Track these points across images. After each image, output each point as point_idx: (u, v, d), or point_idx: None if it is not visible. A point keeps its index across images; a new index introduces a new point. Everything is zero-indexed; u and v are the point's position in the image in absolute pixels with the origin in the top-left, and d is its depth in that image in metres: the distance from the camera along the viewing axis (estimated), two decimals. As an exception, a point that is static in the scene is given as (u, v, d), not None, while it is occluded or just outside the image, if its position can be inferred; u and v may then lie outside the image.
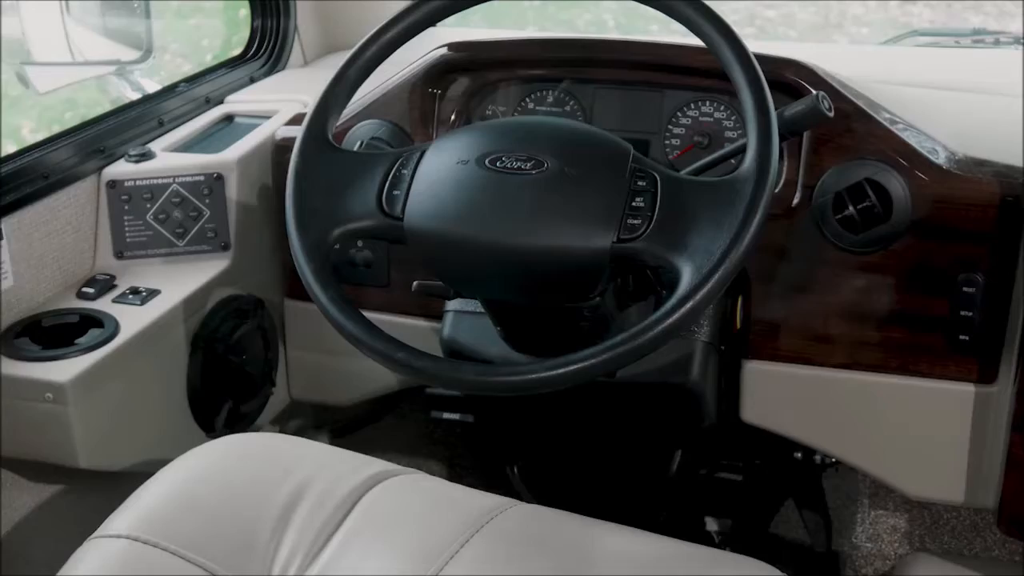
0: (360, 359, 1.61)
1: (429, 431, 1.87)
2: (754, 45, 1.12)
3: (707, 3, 1.12)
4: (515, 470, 1.72)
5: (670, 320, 1.01)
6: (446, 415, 1.67)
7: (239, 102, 1.76)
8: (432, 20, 1.25)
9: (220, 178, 1.54)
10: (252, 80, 1.85)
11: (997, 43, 1.96)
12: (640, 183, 1.09)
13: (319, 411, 1.72)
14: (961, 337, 1.35)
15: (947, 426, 1.39)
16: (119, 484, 1.20)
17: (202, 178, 1.54)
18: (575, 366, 1.02)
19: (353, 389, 1.67)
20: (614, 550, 1.08)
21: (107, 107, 1.65)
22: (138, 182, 1.52)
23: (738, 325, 1.43)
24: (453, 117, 1.52)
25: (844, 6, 6.74)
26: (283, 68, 1.92)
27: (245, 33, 1.94)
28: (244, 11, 1.97)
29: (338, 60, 1.22)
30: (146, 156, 1.56)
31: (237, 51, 1.92)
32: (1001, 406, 1.33)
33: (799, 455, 1.63)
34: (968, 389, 1.37)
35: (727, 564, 1.07)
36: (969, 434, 1.38)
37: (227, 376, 1.54)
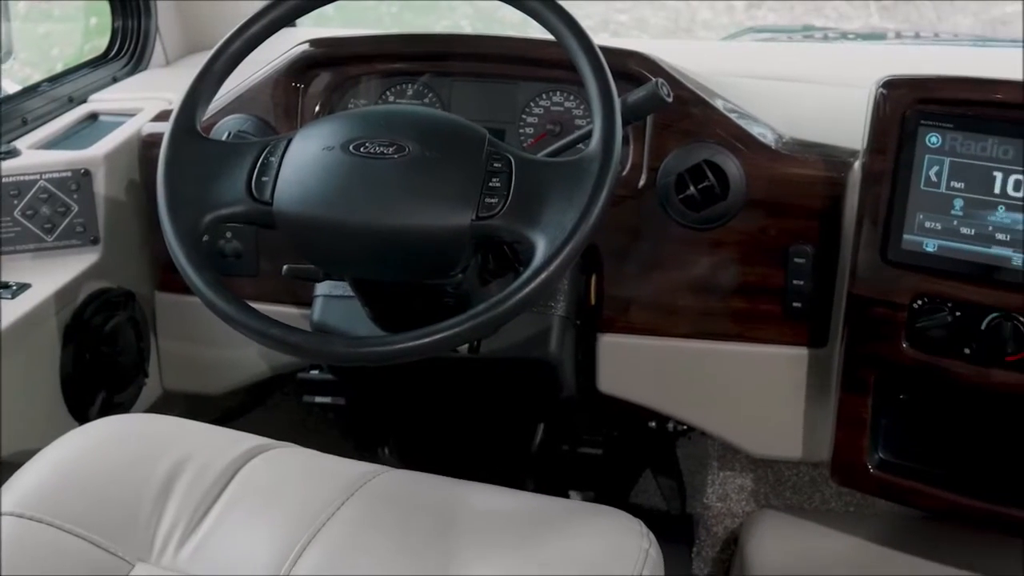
0: (232, 348, 1.67)
1: (302, 418, 1.92)
2: (603, 41, 1.21)
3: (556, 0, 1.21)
4: (386, 450, 1.79)
5: (527, 290, 1.09)
6: (318, 399, 1.73)
7: (103, 101, 1.78)
8: (293, 16, 1.31)
9: (88, 174, 1.57)
10: (115, 79, 1.88)
11: (826, 38, 2.11)
12: (496, 165, 1.17)
13: (192, 401, 1.75)
14: (794, 304, 1.47)
15: (785, 388, 1.51)
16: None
17: (69, 174, 1.57)
18: (440, 335, 1.09)
19: (226, 377, 1.71)
20: (482, 506, 1.16)
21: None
22: (4, 179, 1.54)
23: (592, 301, 1.52)
24: (317, 110, 1.57)
25: (693, 11, 6.97)
26: (146, 68, 1.95)
27: (99, 41, 1.96)
28: (96, 19, 1.99)
29: (200, 59, 1.27)
30: (11, 154, 1.57)
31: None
32: (831, 367, 1.44)
33: (653, 424, 1.74)
34: (802, 352, 1.49)
35: (588, 513, 1.16)
36: (804, 394, 1.50)
37: (100, 367, 1.57)
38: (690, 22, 6.89)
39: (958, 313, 1.31)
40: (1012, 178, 1.26)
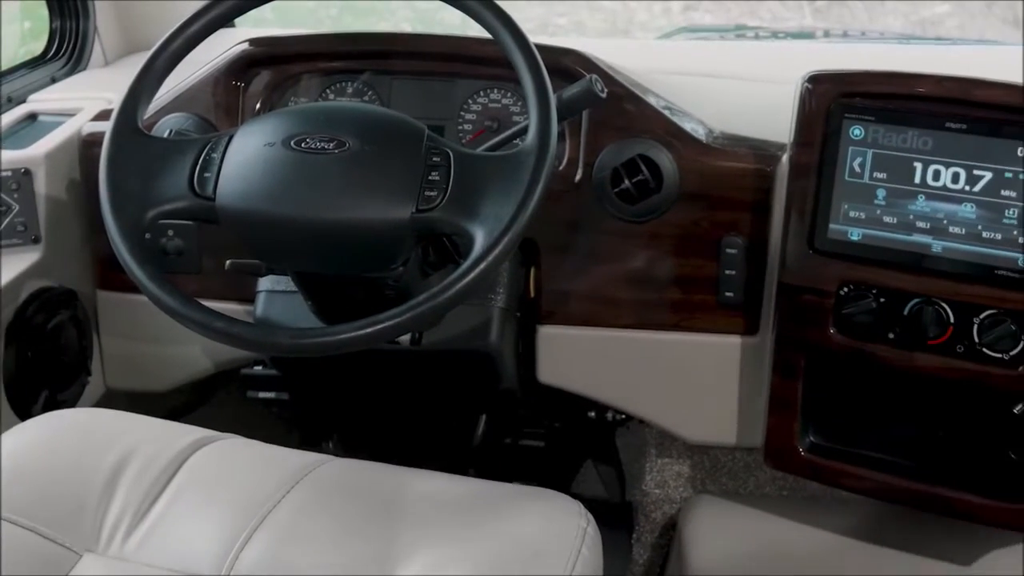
0: (174, 345, 1.68)
1: (246, 415, 1.93)
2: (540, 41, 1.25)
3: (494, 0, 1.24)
4: (331, 444, 1.81)
5: (466, 280, 1.12)
6: (262, 394, 1.74)
7: (42, 101, 1.78)
8: (232, 15, 1.33)
9: (28, 173, 1.58)
10: (54, 80, 1.88)
11: (757, 37, 2.16)
12: (435, 159, 1.20)
13: (135, 399, 1.76)
14: (727, 294, 1.51)
15: (719, 375, 1.55)
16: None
17: (9, 173, 1.57)
18: (381, 325, 1.12)
19: (169, 375, 1.72)
20: (424, 492, 1.19)
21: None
22: (-56, 179, 1.54)
23: (532, 293, 1.56)
24: (257, 108, 1.59)
25: (631, 13, 7.04)
26: (84, 68, 1.95)
27: (33, 45, 1.95)
28: (30, 23, 1.98)
29: (139, 60, 1.28)
30: (-50, 154, 1.58)
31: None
32: (763, 354, 1.49)
33: (592, 414, 1.78)
34: (735, 340, 1.53)
35: (528, 496, 1.19)
36: (738, 381, 1.55)
37: (42, 365, 1.57)
38: (628, 24, 6.96)
39: (882, 299, 1.36)
40: (931, 168, 1.31)
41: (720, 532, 1.58)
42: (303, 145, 1.19)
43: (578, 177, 1.50)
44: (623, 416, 1.78)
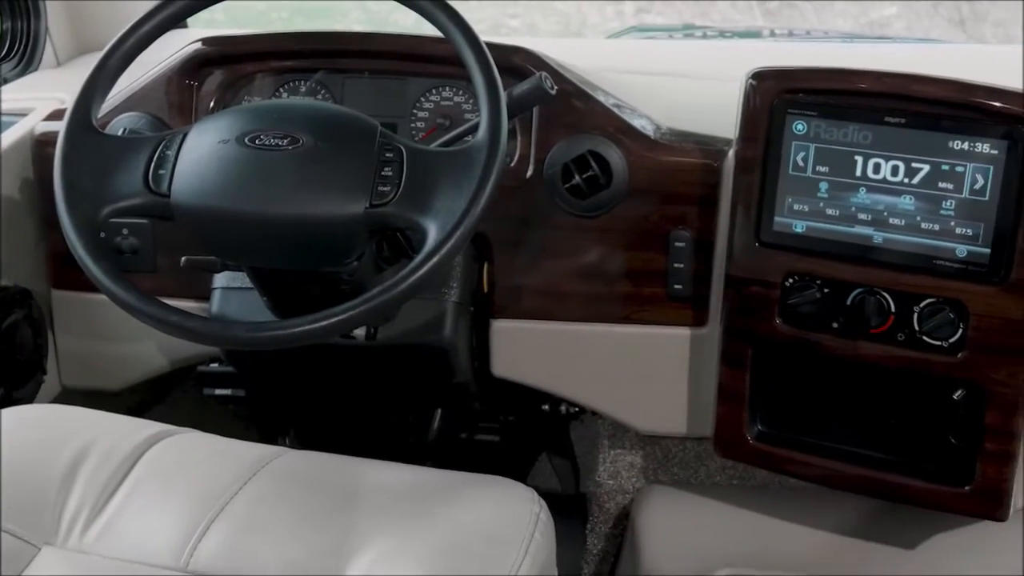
0: (130, 343, 1.68)
1: (202, 412, 1.94)
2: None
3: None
4: (287, 440, 1.82)
5: (420, 273, 1.14)
6: (218, 391, 1.75)
7: (-7, 101, 1.79)
8: (184, 14, 1.34)
9: (-20, 173, 1.58)
10: (6, 81, 1.88)
11: (704, 36, 2.20)
12: (388, 155, 1.22)
13: (91, 398, 1.76)
14: (676, 287, 1.54)
15: (669, 367, 1.58)
16: None
17: (-38, 173, 1.57)
18: (336, 318, 1.14)
19: (125, 373, 1.72)
20: (380, 482, 1.21)
21: None
22: None
23: (485, 288, 1.58)
24: (211, 107, 1.60)
25: (583, 16, 7.09)
26: (36, 69, 1.95)
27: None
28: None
29: (91, 60, 1.29)
30: (-98, 154, 1.57)
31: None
32: (712, 345, 1.52)
33: (546, 407, 1.80)
34: (685, 332, 1.57)
35: (482, 484, 1.22)
36: (687, 372, 1.58)
37: (-3, 364, 1.58)
38: (581, 26, 7.01)
39: (826, 290, 1.39)
40: (871, 161, 1.35)
41: (672, 521, 1.61)
42: (257, 142, 1.21)
43: (529, 173, 1.53)
44: (576, 409, 1.81)
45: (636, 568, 1.56)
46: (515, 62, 1.50)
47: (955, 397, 1.39)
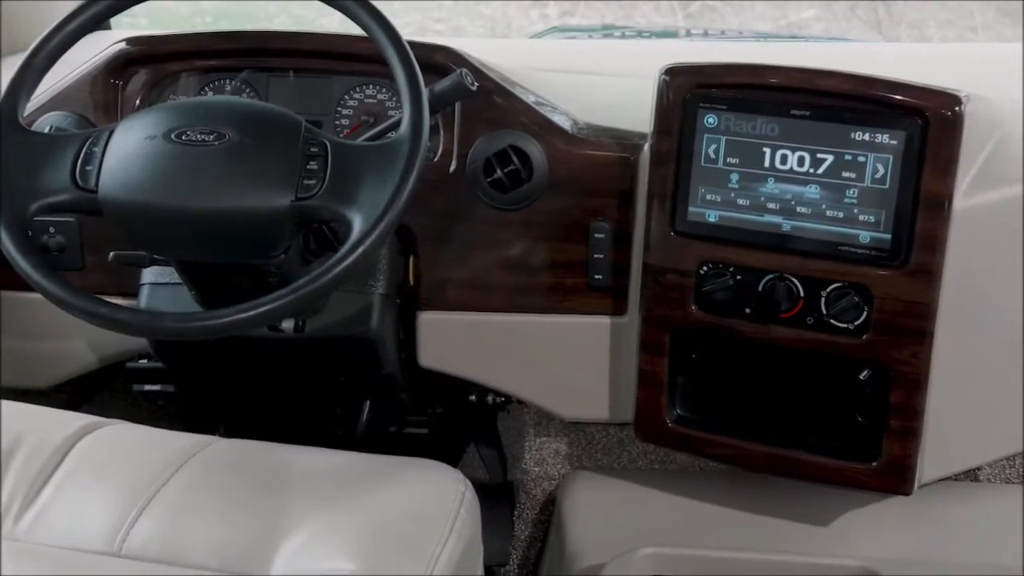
0: (57, 340, 1.69)
1: (132, 409, 1.95)
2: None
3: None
4: (218, 435, 1.83)
5: (346, 263, 1.18)
6: (148, 387, 1.77)
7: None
8: (109, 13, 1.36)
9: (-96, 173, 1.57)
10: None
11: (623, 36, 2.26)
12: (312, 149, 1.25)
13: (17, 398, 1.76)
14: (596, 277, 1.59)
15: (591, 355, 1.63)
16: None
17: None
18: (264, 308, 1.17)
19: (53, 371, 1.73)
20: (309, 466, 1.24)
21: None
22: None
23: (411, 281, 1.62)
24: (136, 106, 1.62)
25: (510, 19, 7.14)
26: (-43, 70, 1.95)
27: None
28: None
29: (13, 62, 1.30)
30: None
31: None
32: (632, 333, 1.57)
33: (473, 398, 1.84)
34: (605, 321, 1.61)
35: (409, 466, 1.26)
36: (609, 360, 1.63)
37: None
38: (506, 29, 7.06)
39: (739, 276, 1.45)
40: (779, 153, 1.41)
41: (596, 505, 1.66)
42: (183, 138, 1.24)
43: (452, 168, 1.57)
44: (503, 399, 1.85)
45: (562, 552, 1.61)
46: (437, 60, 1.54)
47: (861, 377, 1.45)
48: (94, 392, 1.98)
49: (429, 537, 1.16)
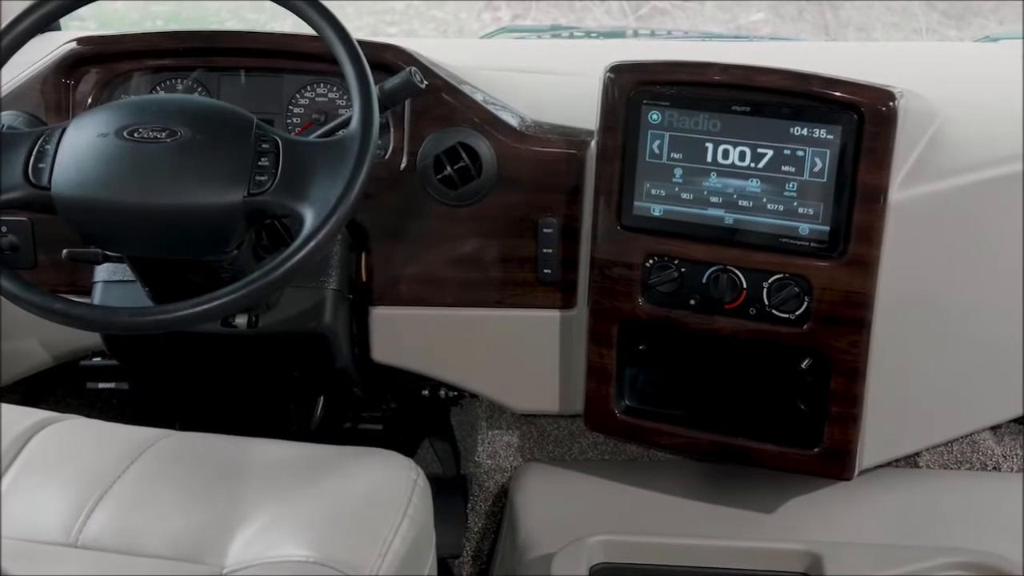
0: (10, 339, 1.70)
1: (86, 407, 1.96)
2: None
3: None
4: (172, 432, 1.84)
5: (299, 256, 1.20)
6: (102, 385, 1.78)
7: None
8: (60, 13, 1.38)
9: None
10: None
11: (571, 36, 2.29)
12: (264, 146, 1.28)
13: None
14: (545, 271, 1.62)
15: (542, 348, 1.66)
16: None
17: None
18: (218, 301, 1.19)
19: (6, 370, 1.73)
20: (264, 457, 1.26)
21: None
22: None
23: (363, 277, 1.64)
24: (88, 105, 1.63)
25: (462, 22, 7.16)
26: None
27: None
28: None
29: None
30: None
31: None
32: (581, 325, 1.61)
33: (426, 392, 1.87)
34: (555, 315, 1.65)
35: (362, 455, 1.28)
36: (559, 352, 1.66)
37: None
38: (459, 33, 7.08)
39: (683, 269, 1.49)
40: (721, 148, 1.45)
41: (548, 496, 1.68)
42: (136, 135, 1.26)
43: (403, 165, 1.59)
44: (455, 393, 1.88)
45: (515, 542, 1.63)
46: (386, 58, 1.57)
47: (803, 366, 1.49)
48: (48, 391, 1.98)
49: (382, 523, 1.18)
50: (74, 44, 1.63)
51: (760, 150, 1.43)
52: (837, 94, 1.39)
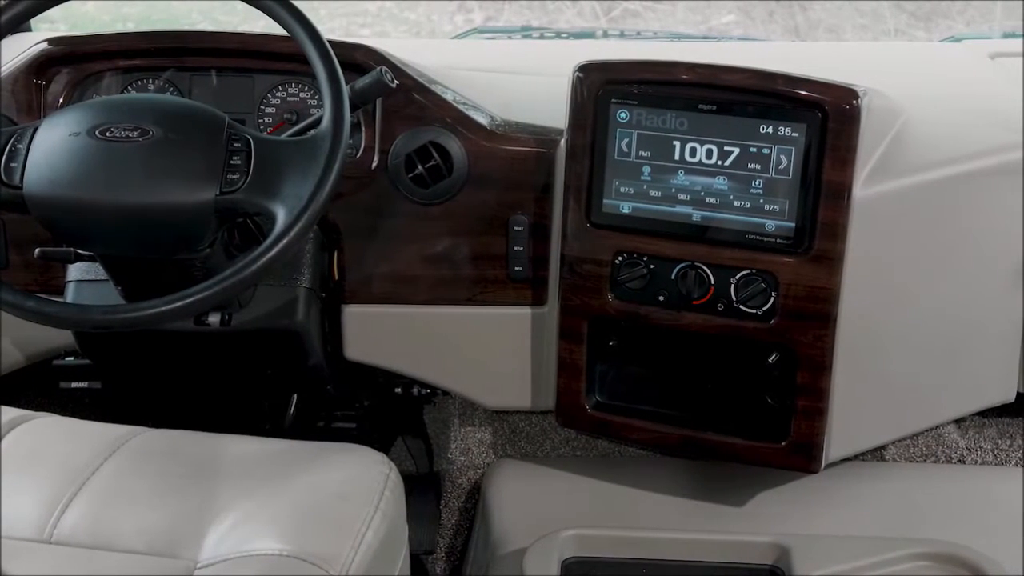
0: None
1: (59, 408, 1.95)
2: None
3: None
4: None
5: (271, 253, 1.21)
6: (74, 384, 1.78)
7: None
8: (31, 13, 1.38)
9: None
10: None
11: (542, 36, 2.31)
12: (236, 144, 1.29)
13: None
14: (516, 268, 1.63)
15: (513, 345, 1.67)
16: None
17: None
18: (191, 298, 1.20)
19: (-23, 370, 1.74)
20: (238, 453, 1.28)
21: None
22: None
23: (336, 276, 1.65)
24: (59, 105, 1.63)
25: (435, 24, 7.16)
26: None
27: None
28: None
29: None
30: None
31: None
32: (552, 322, 1.62)
33: (399, 391, 1.88)
34: (526, 312, 1.66)
35: (335, 451, 1.29)
36: (530, 349, 1.68)
37: None
38: (431, 35, 7.08)
39: (652, 266, 1.51)
40: (688, 146, 1.47)
41: (520, 492, 1.70)
42: (108, 134, 1.27)
43: (374, 164, 1.60)
44: (428, 391, 1.89)
45: (488, 538, 1.65)
46: (357, 58, 1.58)
47: (770, 360, 1.51)
48: (20, 391, 1.98)
49: (354, 516, 1.19)
50: (45, 44, 1.63)
51: (727, 148, 1.45)
52: (802, 93, 1.41)
